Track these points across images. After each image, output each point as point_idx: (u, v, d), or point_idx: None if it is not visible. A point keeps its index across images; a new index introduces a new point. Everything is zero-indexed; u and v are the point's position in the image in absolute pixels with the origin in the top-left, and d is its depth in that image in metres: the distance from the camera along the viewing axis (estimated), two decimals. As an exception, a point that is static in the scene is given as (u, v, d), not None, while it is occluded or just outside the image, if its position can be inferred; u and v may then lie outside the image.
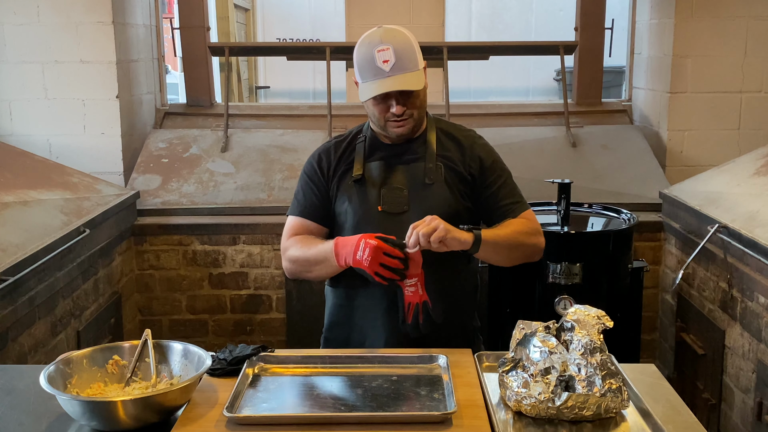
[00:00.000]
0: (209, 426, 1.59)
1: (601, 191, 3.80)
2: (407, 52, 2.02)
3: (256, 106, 5.59)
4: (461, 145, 2.18)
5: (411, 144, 2.15)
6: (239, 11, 8.34)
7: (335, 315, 2.21)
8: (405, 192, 2.10)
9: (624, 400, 1.63)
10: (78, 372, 1.74)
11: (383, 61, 1.99)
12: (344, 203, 2.13)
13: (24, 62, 3.87)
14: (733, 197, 3.17)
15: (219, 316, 3.78)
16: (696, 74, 4.08)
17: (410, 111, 2.06)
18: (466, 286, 2.23)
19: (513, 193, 2.20)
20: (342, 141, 2.21)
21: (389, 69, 1.99)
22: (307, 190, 2.18)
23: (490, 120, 4.45)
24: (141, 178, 3.94)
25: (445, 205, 2.09)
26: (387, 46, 2.00)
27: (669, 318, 3.67)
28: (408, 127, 2.09)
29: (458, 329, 2.18)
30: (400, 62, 2.00)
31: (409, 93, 2.04)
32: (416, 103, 2.07)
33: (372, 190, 2.11)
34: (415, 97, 2.06)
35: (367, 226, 2.04)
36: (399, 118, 2.05)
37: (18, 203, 2.99)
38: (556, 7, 8.47)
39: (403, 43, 2.02)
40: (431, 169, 2.11)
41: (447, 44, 4.64)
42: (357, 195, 2.12)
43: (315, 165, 2.19)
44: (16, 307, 2.56)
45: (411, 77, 2.01)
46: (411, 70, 2.01)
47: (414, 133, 2.14)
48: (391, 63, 1.99)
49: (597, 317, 1.70)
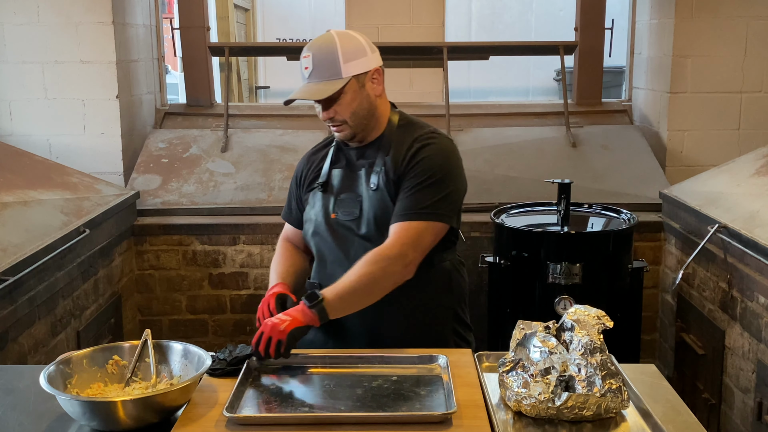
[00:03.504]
0: (209, 426, 1.59)
1: (601, 191, 3.80)
2: (326, 61, 2.01)
3: (256, 106, 5.60)
4: (402, 148, 2.11)
5: (366, 149, 2.15)
6: (239, 11, 8.35)
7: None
8: (359, 199, 2.11)
9: (624, 400, 1.63)
10: (78, 372, 1.74)
11: (305, 67, 2.04)
12: (310, 210, 2.19)
13: (24, 62, 3.87)
14: (733, 197, 3.17)
15: (219, 316, 3.78)
16: (696, 74, 4.08)
17: (341, 116, 2.05)
18: (432, 286, 2.14)
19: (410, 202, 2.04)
20: (316, 149, 2.28)
21: (307, 76, 2.03)
22: (290, 196, 2.31)
23: (490, 120, 4.45)
24: (141, 178, 3.94)
25: (387, 212, 2.07)
26: (308, 53, 2.04)
27: (669, 318, 3.67)
28: (346, 133, 2.09)
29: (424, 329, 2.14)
30: (317, 70, 2.02)
31: (333, 101, 2.03)
32: (345, 111, 2.04)
33: (330, 197, 2.15)
34: (341, 104, 2.04)
35: (322, 233, 2.13)
36: (332, 123, 2.07)
37: (18, 203, 2.99)
38: (556, 7, 8.48)
39: (324, 51, 2.02)
40: (378, 174, 2.10)
41: (447, 44, 4.63)
42: (320, 201, 2.16)
43: (296, 172, 2.30)
44: (16, 307, 2.56)
45: (322, 86, 2.01)
46: (327, 78, 2.01)
47: (360, 137, 2.12)
48: (309, 70, 2.03)
49: (597, 317, 1.70)
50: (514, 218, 3.39)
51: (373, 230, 2.07)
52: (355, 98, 2.05)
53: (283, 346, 1.84)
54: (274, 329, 1.85)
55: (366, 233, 2.08)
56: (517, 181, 3.91)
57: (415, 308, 2.13)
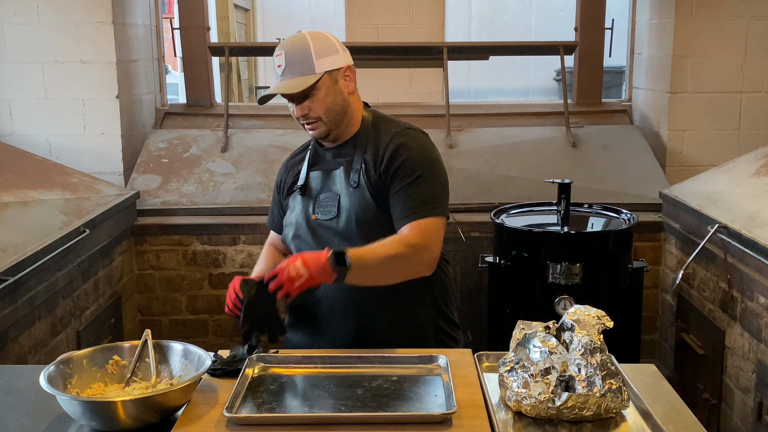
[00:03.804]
0: (209, 426, 1.59)
1: (601, 191, 3.80)
2: (299, 57, 2.02)
3: (256, 106, 5.58)
4: (379, 146, 2.11)
5: (341, 148, 2.16)
6: (239, 11, 8.35)
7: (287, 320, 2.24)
8: (337, 197, 2.11)
9: (624, 401, 1.63)
10: (78, 372, 1.74)
11: (277, 65, 2.05)
12: (291, 213, 2.20)
13: (24, 62, 3.87)
14: (733, 197, 3.17)
15: (219, 316, 3.78)
16: (696, 74, 4.08)
17: (315, 113, 2.06)
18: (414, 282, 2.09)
19: (414, 199, 2.03)
20: (294, 154, 2.30)
21: (280, 73, 2.04)
22: (273, 203, 2.34)
23: (490, 120, 4.45)
24: (141, 178, 3.94)
25: (367, 209, 2.07)
26: (281, 52, 2.04)
27: (669, 318, 3.67)
28: (321, 131, 2.09)
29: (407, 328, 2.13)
30: (290, 66, 2.03)
31: (306, 97, 2.04)
32: (319, 107, 2.05)
33: (309, 200, 2.16)
34: (315, 100, 2.04)
35: (303, 236, 2.13)
36: (306, 120, 2.08)
37: (18, 203, 2.99)
38: (556, 7, 8.48)
39: (297, 48, 2.04)
40: (357, 171, 2.10)
41: (447, 44, 4.63)
42: (298, 205, 2.17)
43: (277, 180, 2.31)
44: (16, 307, 2.56)
45: (296, 81, 2.02)
46: (300, 74, 2.02)
47: (334, 135, 2.13)
48: (282, 67, 2.04)
49: (597, 317, 1.70)
50: (514, 218, 3.39)
51: (353, 227, 2.07)
52: (328, 94, 2.05)
53: (288, 300, 1.84)
54: (290, 282, 1.83)
55: (345, 230, 2.07)
56: (517, 181, 3.91)
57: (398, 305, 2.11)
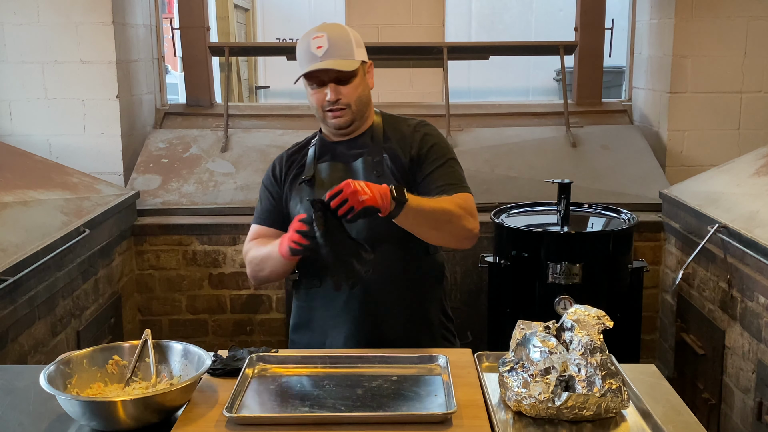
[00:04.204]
0: (209, 426, 1.59)
1: (601, 191, 3.80)
2: (342, 41, 2.05)
3: (256, 106, 5.60)
4: (403, 134, 2.17)
5: (357, 140, 2.17)
6: (239, 11, 8.35)
7: (297, 317, 2.24)
8: None
9: (624, 400, 1.63)
10: (78, 372, 1.74)
11: (317, 47, 2.04)
12: (297, 205, 2.17)
13: (24, 62, 3.87)
14: (733, 197, 3.17)
15: (219, 316, 3.78)
16: (696, 74, 4.08)
17: (345, 101, 2.07)
18: (428, 277, 2.19)
19: (450, 176, 2.12)
20: (294, 148, 2.29)
21: (322, 54, 2.03)
22: (264, 199, 2.26)
23: (490, 120, 4.45)
24: (141, 178, 3.94)
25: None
26: (321, 34, 2.05)
27: (669, 318, 3.67)
28: (345, 119, 2.10)
29: (421, 322, 2.17)
30: (333, 49, 2.03)
31: (343, 81, 2.06)
32: (353, 92, 2.08)
33: (321, 190, 2.12)
34: (349, 86, 2.07)
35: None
36: (336, 107, 2.08)
37: (18, 203, 2.99)
38: (556, 7, 8.47)
39: (338, 33, 2.07)
40: (378, 162, 2.11)
41: (447, 44, 4.63)
42: (308, 196, 2.15)
43: (270, 173, 2.27)
44: (16, 307, 2.56)
45: (342, 62, 2.04)
46: (344, 57, 2.05)
47: (354, 126, 2.15)
48: (324, 49, 2.03)
49: (597, 317, 1.70)
50: (514, 218, 3.39)
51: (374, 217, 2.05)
52: (360, 83, 2.10)
53: (352, 215, 1.83)
54: (354, 195, 1.82)
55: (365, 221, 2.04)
56: (517, 181, 3.91)
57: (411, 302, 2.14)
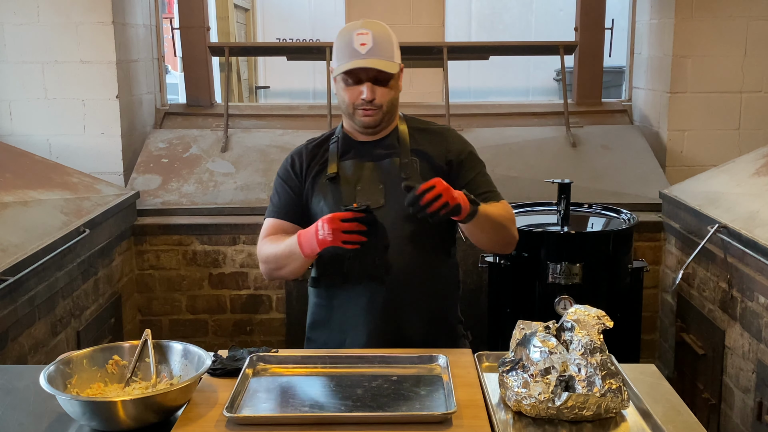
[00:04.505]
0: (209, 426, 1.59)
1: (601, 191, 3.80)
2: (385, 42, 2.06)
3: (256, 106, 5.59)
4: (436, 138, 2.18)
5: (383, 141, 2.17)
6: (239, 11, 8.34)
7: (316, 314, 2.23)
8: (381, 187, 2.11)
9: (624, 400, 1.63)
10: (78, 372, 1.74)
11: (361, 44, 2.03)
12: (320, 202, 2.15)
13: (24, 62, 3.87)
14: (733, 197, 3.17)
15: (219, 316, 3.78)
16: (696, 74, 4.08)
17: (379, 101, 2.07)
18: (448, 279, 2.22)
19: (490, 183, 2.18)
20: (315, 142, 2.25)
21: (365, 52, 2.03)
22: (282, 192, 2.21)
23: (490, 120, 4.45)
24: (141, 178, 3.94)
25: None
26: (366, 31, 2.04)
27: (669, 318, 3.67)
28: (376, 118, 2.10)
29: (441, 325, 2.19)
30: (377, 48, 2.03)
31: (381, 81, 2.06)
32: (387, 94, 2.08)
33: (346, 188, 2.13)
34: (386, 87, 2.07)
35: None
36: (368, 105, 2.07)
37: (18, 203, 2.99)
38: (556, 7, 8.47)
39: (382, 32, 2.07)
40: (407, 164, 2.11)
41: (447, 44, 4.63)
42: (332, 193, 2.13)
43: (288, 167, 2.22)
44: (16, 307, 2.56)
45: (386, 63, 2.04)
46: (387, 58, 2.05)
47: (381, 127, 2.14)
48: (368, 47, 2.03)
49: (597, 317, 1.70)
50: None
51: (401, 218, 2.07)
52: (395, 86, 2.11)
53: (446, 210, 1.84)
54: (448, 191, 1.85)
55: (393, 219, 2.07)
56: (517, 181, 3.90)
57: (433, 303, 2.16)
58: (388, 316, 2.10)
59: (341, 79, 2.08)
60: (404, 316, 2.12)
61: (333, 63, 2.11)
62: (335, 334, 2.16)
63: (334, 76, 2.10)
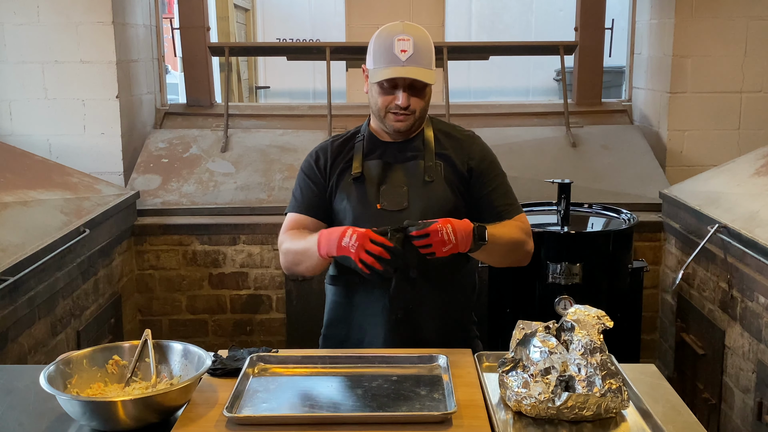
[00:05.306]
0: (209, 426, 1.59)
1: (601, 191, 3.80)
2: (425, 50, 2.05)
3: (256, 106, 5.59)
4: (460, 144, 2.19)
5: (409, 143, 2.16)
6: (239, 11, 8.34)
7: (334, 312, 2.22)
8: (404, 189, 2.11)
9: (624, 400, 1.64)
10: (78, 372, 1.74)
11: (401, 50, 2.02)
12: (343, 201, 2.13)
13: (24, 62, 3.87)
14: (733, 197, 3.17)
15: (219, 316, 3.78)
16: (696, 74, 4.08)
17: (413, 108, 2.07)
18: (465, 284, 2.24)
19: (508, 195, 2.19)
20: (340, 140, 2.22)
21: (405, 59, 2.02)
22: (305, 187, 2.19)
23: (490, 120, 4.45)
24: (141, 178, 3.94)
25: (444, 203, 2.11)
26: (408, 37, 2.03)
27: (669, 318, 3.67)
28: (408, 124, 2.10)
29: (457, 327, 2.21)
30: (417, 55, 2.02)
31: (417, 89, 2.06)
32: (422, 101, 2.09)
33: (371, 188, 2.12)
34: (422, 94, 2.08)
35: (365, 224, 2.01)
36: (402, 111, 2.06)
37: (18, 203, 2.99)
38: (556, 7, 8.46)
39: (423, 39, 2.06)
40: (431, 167, 2.12)
41: (447, 44, 4.63)
42: (356, 192, 2.12)
43: (312, 163, 2.20)
44: (16, 307, 2.56)
45: (426, 72, 2.04)
46: (426, 66, 2.04)
47: (411, 131, 2.15)
48: (409, 53, 2.02)
49: (597, 317, 1.70)
50: (514, 218, 3.38)
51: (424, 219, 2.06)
52: (429, 93, 2.12)
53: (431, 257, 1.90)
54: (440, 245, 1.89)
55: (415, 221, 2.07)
56: (517, 181, 3.86)
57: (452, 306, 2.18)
58: (408, 317, 2.11)
59: (375, 83, 2.07)
60: (423, 317, 2.13)
61: (369, 64, 2.10)
62: (354, 333, 2.17)
63: (372, 81, 2.08)
